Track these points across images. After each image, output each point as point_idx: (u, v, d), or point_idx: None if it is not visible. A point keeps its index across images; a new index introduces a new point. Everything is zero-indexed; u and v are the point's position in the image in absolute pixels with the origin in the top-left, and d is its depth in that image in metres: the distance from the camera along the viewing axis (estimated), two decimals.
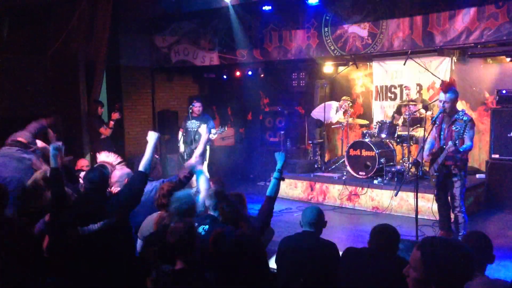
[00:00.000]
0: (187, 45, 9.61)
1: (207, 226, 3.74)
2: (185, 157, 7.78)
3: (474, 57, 7.59)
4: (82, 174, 4.52)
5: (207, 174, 7.68)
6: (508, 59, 7.34)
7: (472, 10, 6.55)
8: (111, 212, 3.25)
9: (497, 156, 7.03)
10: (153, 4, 8.96)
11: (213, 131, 7.73)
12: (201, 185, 4.28)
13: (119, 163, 4.64)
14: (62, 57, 8.33)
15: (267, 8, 8.18)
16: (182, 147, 8.00)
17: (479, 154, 7.33)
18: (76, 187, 4.51)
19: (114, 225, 3.24)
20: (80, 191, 4.12)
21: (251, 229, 3.40)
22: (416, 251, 1.74)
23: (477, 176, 7.33)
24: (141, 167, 3.57)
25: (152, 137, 3.95)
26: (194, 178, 7.81)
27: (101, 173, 3.55)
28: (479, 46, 6.95)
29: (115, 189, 4.17)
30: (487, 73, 7.74)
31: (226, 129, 8.09)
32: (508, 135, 6.90)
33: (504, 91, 7.05)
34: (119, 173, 4.46)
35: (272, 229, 5.20)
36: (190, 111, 7.99)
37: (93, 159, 7.24)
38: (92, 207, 3.29)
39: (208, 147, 7.93)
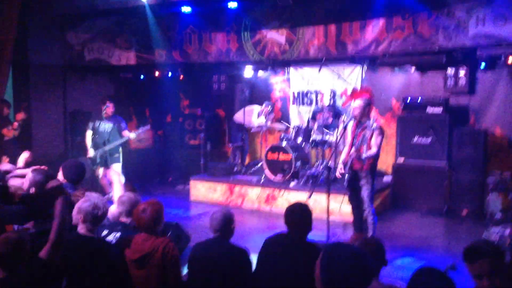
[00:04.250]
0: (102, 43, 9.25)
1: (118, 234, 3.61)
2: (97, 160, 7.46)
3: (383, 65, 8.05)
4: None
5: (122, 177, 7.43)
6: (413, 69, 7.90)
7: (381, 22, 6.98)
8: None
9: (402, 159, 7.52)
10: (67, 0, 8.49)
11: (126, 133, 7.55)
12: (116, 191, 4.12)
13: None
14: None
15: (186, 9, 8.10)
16: (92, 151, 7.54)
17: (386, 158, 7.79)
18: None
19: None
20: None
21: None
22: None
23: (384, 178, 7.79)
24: None
25: None
26: (107, 184, 7.56)
27: None
28: (387, 55, 7.39)
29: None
30: (395, 81, 8.25)
31: (148, 127, 7.91)
32: (412, 140, 7.42)
33: (408, 99, 7.56)
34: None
35: (188, 236, 5.13)
36: (104, 112, 7.62)
37: None
38: None
39: (120, 149, 7.70)
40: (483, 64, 7.15)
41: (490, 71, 7.30)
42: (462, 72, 7.26)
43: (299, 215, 3.29)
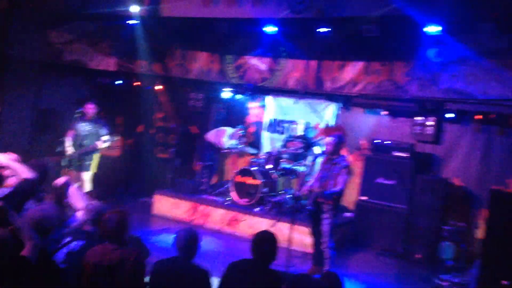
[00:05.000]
0: (84, 46, 9.21)
1: (82, 242, 3.58)
2: (73, 162, 7.28)
3: (356, 106, 8.35)
4: None
5: (91, 185, 7.33)
6: (384, 113, 8.22)
7: (360, 64, 7.26)
8: None
9: (365, 198, 7.74)
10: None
11: (103, 137, 7.38)
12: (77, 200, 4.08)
13: None
14: None
15: (174, 25, 8.18)
16: (70, 150, 7.37)
17: (350, 194, 7.99)
18: None
19: None
20: None
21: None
22: None
23: (347, 214, 7.98)
24: None
25: None
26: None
27: None
28: (361, 97, 7.68)
29: None
30: (366, 122, 8.54)
31: (117, 138, 7.81)
32: (376, 180, 7.66)
33: (377, 141, 7.83)
34: None
35: (148, 250, 5.11)
36: (80, 114, 7.45)
37: None
38: None
39: (96, 156, 7.54)
40: (451, 116, 7.50)
41: (456, 124, 7.68)
42: (430, 122, 7.59)
43: (266, 244, 3.36)
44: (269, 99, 9.37)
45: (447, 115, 7.50)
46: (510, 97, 6.08)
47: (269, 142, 9.36)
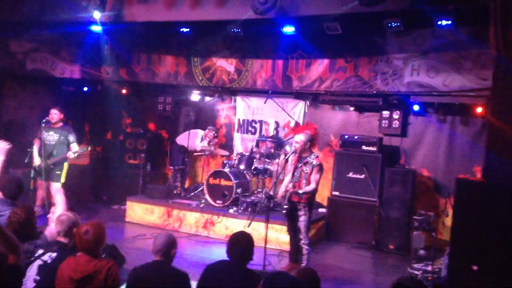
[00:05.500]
0: (46, 54, 9.01)
1: (54, 254, 3.52)
2: (42, 172, 7.03)
3: (324, 103, 8.48)
4: None
5: (62, 195, 7.17)
6: (352, 108, 8.37)
7: (325, 62, 7.39)
8: None
9: (337, 193, 7.86)
10: (14, 7, 8.20)
11: (73, 148, 7.20)
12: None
13: None
14: None
15: (138, 29, 8.09)
16: (37, 160, 7.14)
17: (322, 190, 8.10)
18: None
19: None
20: None
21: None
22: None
23: (319, 210, 8.09)
24: None
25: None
26: (43, 196, 7.23)
27: None
28: (329, 94, 7.81)
29: None
30: (334, 118, 8.68)
31: (88, 148, 7.65)
32: (347, 175, 7.80)
33: (346, 136, 7.97)
34: None
35: (123, 257, 5.07)
36: (45, 121, 7.22)
37: None
38: None
39: (66, 165, 7.37)
40: (415, 109, 7.71)
41: (421, 117, 7.90)
42: (396, 116, 7.79)
43: (242, 245, 3.39)
44: (238, 100, 9.39)
45: (412, 108, 7.72)
46: (470, 87, 6.30)
47: (240, 143, 9.39)
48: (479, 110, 7.06)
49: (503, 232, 4.10)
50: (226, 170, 7.84)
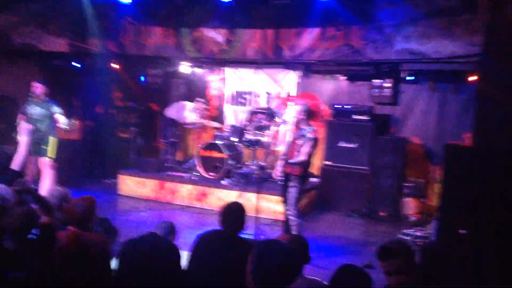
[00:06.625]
0: (33, 28, 8.82)
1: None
2: (30, 147, 6.99)
3: (315, 73, 8.42)
4: None
5: (51, 171, 7.12)
6: (343, 77, 8.33)
7: (316, 30, 7.29)
8: None
9: (329, 162, 7.91)
10: None
11: (60, 119, 7.08)
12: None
13: None
14: None
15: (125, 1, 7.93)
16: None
17: (315, 160, 8.12)
18: None
19: None
20: None
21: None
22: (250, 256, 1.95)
23: (312, 180, 8.12)
24: None
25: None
26: (33, 170, 7.19)
27: None
28: (320, 63, 7.74)
29: None
30: (326, 88, 8.64)
31: (76, 122, 7.58)
32: (339, 144, 7.82)
33: (338, 106, 7.96)
34: None
35: (116, 229, 5.09)
36: (30, 95, 7.11)
37: None
38: None
39: (52, 139, 7.29)
40: (407, 77, 7.69)
41: (413, 85, 7.88)
42: (387, 84, 7.77)
43: (234, 214, 3.41)
44: (228, 71, 9.30)
45: (403, 76, 7.69)
46: (460, 54, 6.27)
47: (231, 114, 9.35)
48: (469, 77, 7.05)
49: (491, 196, 4.15)
50: (218, 142, 7.84)
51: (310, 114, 5.54)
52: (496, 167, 4.16)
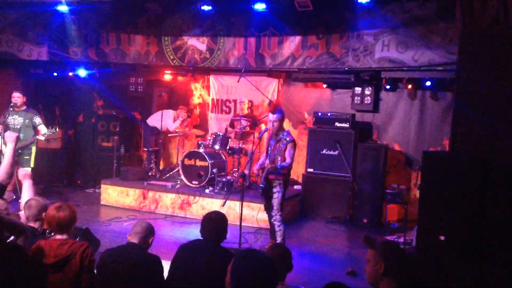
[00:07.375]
0: (11, 36, 8.73)
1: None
2: None
3: (297, 81, 8.50)
4: None
5: (31, 181, 7.03)
6: (325, 86, 8.41)
7: (297, 39, 7.36)
8: None
9: (311, 170, 7.96)
10: None
11: (41, 130, 7.04)
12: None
13: None
14: None
15: (105, 7, 7.89)
16: (3, 147, 7.02)
17: (297, 168, 8.19)
18: None
19: None
20: None
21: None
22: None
23: (295, 187, 8.19)
24: None
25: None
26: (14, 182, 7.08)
27: None
28: (301, 71, 7.82)
29: None
30: (308, 96, 8.71)
31: (57, 130, 7.51)
32: (321, 152, 7.88)
33: (319, 113, 8.03)
34: None
35: (98, 240, 5.05)
36: (12, 105, 7.08)
37: None
38: None
39: (34, 149, 7.22)
40: (387, 85, 7.80)
41: (392, 92, 8.00)
42: (368, 92, 7.87)
43: (215, 224, 3.42)
44: (211, 80, 9.32)
45: (383, 84, 7.81)
46: (438, 62, 6.39)
47: (215, 122, 9.35)
48: (447, 84, 7.18)
49: (468, 202, 4.24)
50: (201, 150, 7.83)
51: (284, 120, 5.70)
52: (472, 173, 4.25)
